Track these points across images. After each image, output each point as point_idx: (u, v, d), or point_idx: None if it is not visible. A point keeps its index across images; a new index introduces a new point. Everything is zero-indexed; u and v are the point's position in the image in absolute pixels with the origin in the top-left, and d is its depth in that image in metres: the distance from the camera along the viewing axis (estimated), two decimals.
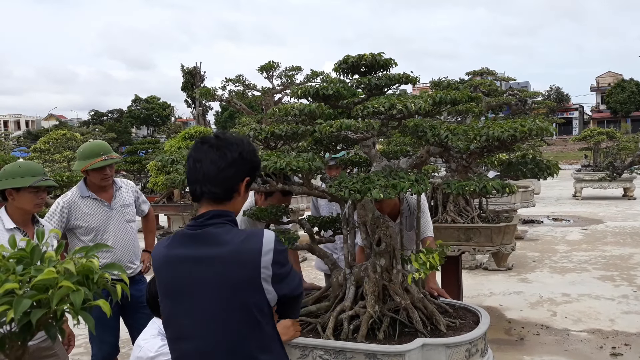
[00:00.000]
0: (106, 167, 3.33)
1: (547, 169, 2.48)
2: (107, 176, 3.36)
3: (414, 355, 2.31)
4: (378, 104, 2.25)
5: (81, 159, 3.33)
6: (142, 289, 3.45)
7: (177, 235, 1.70)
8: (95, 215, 3.37)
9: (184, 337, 1.64)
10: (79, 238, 3.38)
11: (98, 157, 3.27)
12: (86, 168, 3.28)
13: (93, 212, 3.37)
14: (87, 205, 3.37)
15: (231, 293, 1.58)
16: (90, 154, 3.31)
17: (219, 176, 1.63)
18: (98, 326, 3.43)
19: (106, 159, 3.29)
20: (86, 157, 3.31)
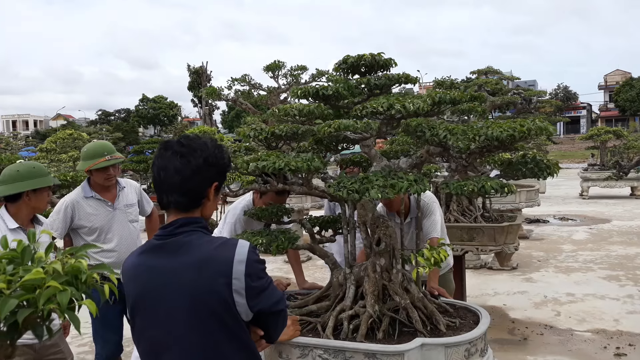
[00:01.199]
0: (109, 167, 3.36)
1: (547, 168, 2.48)
2: (110, 176, 3.39)
3: (413, 355, 2.32)
4: (377, 104, 2.25)
5: (85, 159, 3.36)
6: None
7: (146, 244, 1.66)
8: (99, 216, 3.40)
9: (156, 351, 1.60)
10: (82, 238, 3.40)
11: (101, 157, 3.30)
12: (90, 168, 3.31)
13: (96, 212, 3.40)
14: (91, 206, 3.39)
15: (202, 303, 1.53)
16: (93, 154, 3.34)
17: (184, 186, 1.57)
18: (102, 325, 3.48)
19: (109, 159, 3.32)
20: (90, 157, 3.34)
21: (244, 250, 1.58)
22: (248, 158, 2.32)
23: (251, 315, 1.61)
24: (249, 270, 1.56)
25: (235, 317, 1.56)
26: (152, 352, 1.62)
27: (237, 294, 1.54)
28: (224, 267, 1.54)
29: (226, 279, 1.53)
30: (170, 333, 1.57)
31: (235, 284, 1.54)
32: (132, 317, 1.65)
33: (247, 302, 1.56)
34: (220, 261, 1.55)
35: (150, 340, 1.62)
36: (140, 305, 1.62)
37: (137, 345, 1.68)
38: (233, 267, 1.54)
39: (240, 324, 1.58)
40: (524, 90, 7.26)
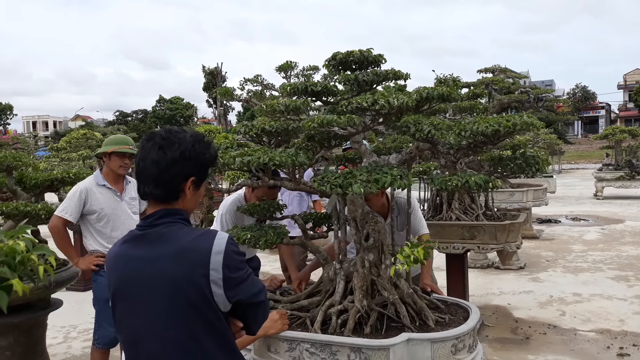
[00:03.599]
0: (127, 156, 3.65)
1: (535, 164, 2.47)
2: (126, 165, 3.68)
3: (399, 349, 2.32)
4: (361, 100, 2.27)
5: (109, 144, 3.67)
6: None
7: (128, 235, 1.69)
8: (108, 203, 3.64)
9: (136, 339, 1.62)
10: (91, 224, 3.63)
11: (125, 145, 3.62)
12: (114, 150, 3.60)
13: (106, 199, 3.64)
14: (102, 193, 3.64)
15: (179, 292, 1.55)
16: (119, 142, 3.67)
17: (160, 177, 1.59)
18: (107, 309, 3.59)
19: (132, 148, 3.62)
20: (115, 143, 3.66)
21: (222, 242, 1.59)
22: (235, 153, 2.34)
23: (229, 306, 1.62)
24: (227, 261, 1.57)
25: (213, 307, 1.58)
26: (131, 341, 1.65)
27: (215, 284, 1.56)
28: (202, 257, 1.56)
29: (204, 270, 1.55)
30: (148, 322, 1.59)
31: (213, 274, 1.55)
32: (113, 305, 1.69)
33: (225, 293, 1.58)
34: (198, 252, 1.57)
35: (129, 330, 1.65)
36: (120, 294, 1.65)
37: (118, 334, 1.72)
38: (211, 257, 1.56)
39: (217, 315, 1.60)
40: (532, 88, 7.20)
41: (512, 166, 2.48)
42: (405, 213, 3.46)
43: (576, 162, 34.90)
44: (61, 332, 5.20)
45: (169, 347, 1.58)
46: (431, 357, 2.37)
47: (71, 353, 4.79)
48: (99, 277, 3.57)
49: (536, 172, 2.47)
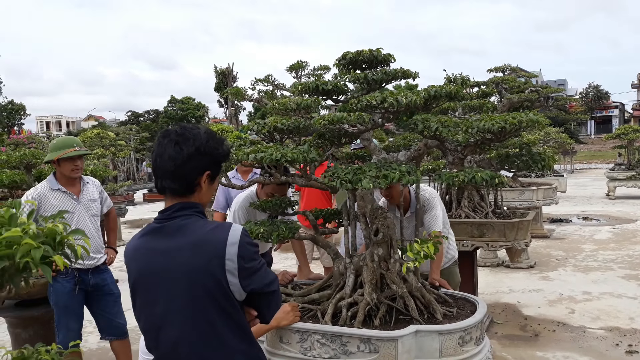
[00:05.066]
0: (77, 158, 3.54)
1: (541, 160, 2.52)
2: (77, 167, 3.56)
3: (407, 340, 2.39)
4: (371, 98, 2.33)
5: (54, 150, 3.52)
6: (105, 278, 3.75)
7: (146, 228, 1.76)
8: (64, 207, 3.51)
9: (156, 327, 1.70)
10: None
11: (71, 148, 3.49)
12: (59, 157, 3.47)
13: (61, 204, 3.53)
14: (56, 198, 3.55)
15: (197, 282, 1.62)
16: (62, 146, 3.52)
17: (177, 172, 1.66)
18: (65, 314, 3.69)
19: (78, 150, 3.51)
20: (59, 147, 3.51)
21: (237, 233, 1.67)
22: (248, 150, 2.42)
23: (244, 295, 1.70)
24: (242, 252, 1.65)
25: (229, 296, 1.66)
26: (152, 329, 1.73)
27: (230, 274, 1.64)
28: (218, 248, 1.63)
29: (220, 260, 1.63)
30: (167, 310, 1.67)
31: (229, 264, 1.63)
32: (133, 295, 1.77)
33: (240, 282, 1.65)
34: (214, 243, 1.64)
35: (149, 318, 1.73)
36: (140, 284, 1.73)
37: (138, 322, 1.80)
38: (226, 248, 1.63)
39: (233, 303, 1.68)
40: (542, 87, 7.22)
41: (519, 162, 2.53)
42: (423, 208, 3.53)
43: (589, 162, 34.65)
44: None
45: (188, 334, 1.66)
46: (439, 348, 2.43)
47: (87, 347, 4.91)
48: (56, 282, 3.54)
49: (542, 168, 2.52)
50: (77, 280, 3.59)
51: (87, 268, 3.60)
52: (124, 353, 3.87)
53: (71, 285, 3.56)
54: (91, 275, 3.64)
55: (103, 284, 3.73)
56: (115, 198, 9.87)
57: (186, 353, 1.66)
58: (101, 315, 3.77)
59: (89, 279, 3.63)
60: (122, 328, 3.83)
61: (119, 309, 3.85)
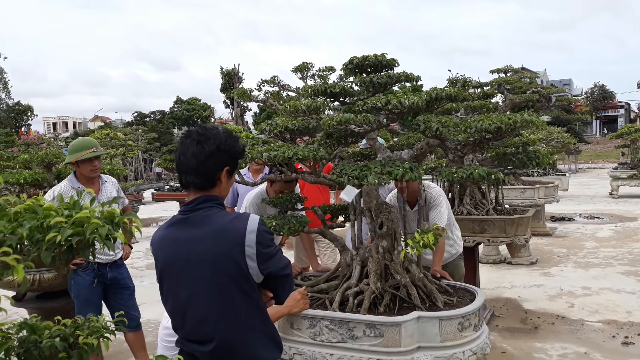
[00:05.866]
0: (94, 159, 3.72)
1: (535, 159, 2.69)
2: (95, 168, 3.75)
3: (410, 326, 2.57)
4: (376, 100, 2.52)
5: (72, 152, 3.71)
6: (122, 272, 3.95)
7: (172, 219, 1.95)
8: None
9: (183, 308, 1.88)
10: None
11: (88, 150, 3.67)
12: (77, 159, 3.66)
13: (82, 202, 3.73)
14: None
15: (220, 267, 1.81)
16: (80, 148, 3.70)
17: (199, 168, 1.85)
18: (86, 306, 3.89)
19: (95, 151, 3.69)
20: (77, 150, 3.69)
21: (255, 223, 1.87)
22: (262, 149, 2.61)
23: (262, 278, 1.90)
24: (259, 239, 1.84)
25: (248, 279, 1.86)
26: (178, 310, 1.93)
27: (250, 259, 1.83)
28: (238, 236, 1.83)
29: (240, 247, 1.82)
30: (193, 293, 1.87)
31: (248, 250, 1.82)
32: (161, 281, 1.97)
33: (258, 266, 1.85)
34: (235, 231, 1.84)
35: (176, 300, 1.93)
36: (167, 270, 1.93)
37: (165, 305, 1.99)
38: (246, 236, 1.83)
39: (252, 286, 1.88)
40: (543, 88, 7.37)
41: (515, 161, 2.70)
42: (429, 205, 3.73)
43: (593, 161, 34.70)
44: None
45: (212, 313, 1.85)
46: (439, 333, 2.61)
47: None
48: (77, 276, 3.74)
49: (536, 166, 2.69)
50: (97, 274, 3.78)
51: (106, 262, 3.80)
52: (138, 344, 4.06)
53: (91, 279, 3.76)
54: (109, 269, 3.84)
55: (120, 278, 3.92)
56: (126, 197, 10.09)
57: (210, 331, 1.85)
58: (117, 307, 3.95)
59: (107, 273, 3.83)
60: (137, 320, 4.02)
61: (134, 302, 4.05)
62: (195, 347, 1.88)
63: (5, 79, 55.61)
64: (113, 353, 4.80)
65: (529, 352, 4.37)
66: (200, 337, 1.87)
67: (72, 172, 3.81)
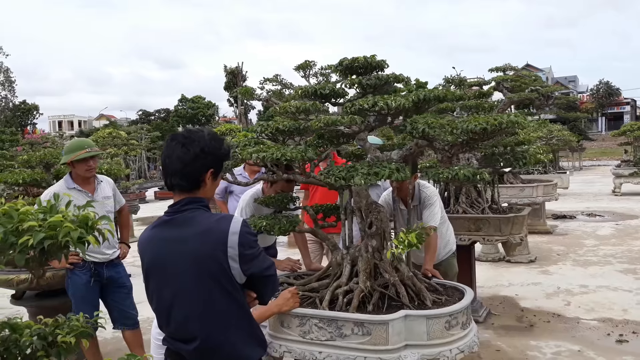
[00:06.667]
0: (90, 159, 3.75)
1: (522, 158, 2.72)
2: (90, 167, 3.78)
3: (397, 324, 2.60)
4: (363, 102, 2.55)
5: (67, 153, 3.74)
6: (119, 271, 3.99)
7: (158, 220, 2.00)
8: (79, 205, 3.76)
9: (168, 306, 1.93)
10: None
11: (82, 150, 3.70)
12: (72, 159, 3.69)
13: (77, 202, 3.73)
14: (73, 196, 3.68)
15: (202, 266, 1.85)
16: (75, 148, 3.74)
17: (184, 170, 1.89)
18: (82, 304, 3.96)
19: (90, 151, 3.72)
20: (72, 150, 3.72)
21: (238, 224, 1.91)
22: (252, 150, 2.65)
23: (244, 279, 1.94)
24: (242, 240, 1.88)
25: (230, 279, 1.90)
26: (163, 309, 1.97)
27: (232, 260, 1.88)
28: (221, 237, 1.87)
29: (222, 248, 1.86)
30: (177, 292, 1.91)
31: (230, 251, 1.87)
32: (147, 280, 2.01)
33: (240, 267, 1.90)
34: (218, 233, 1.88)
35: (161, 299, 1.97)
36: (153, 269, 1.98)
37: (151, 303, 2.03)
38: (228, 237, 1.87)
39: (234, 285, 1.92)
40: (542, 86, 7.38)
41: (502, 161, 2.73)
42: (423, 204, 3.77)
43: (598, 158, 34.59)
44: None
45: (195, 312, 1.90)
46: (426, 331, 2.64)
47: (102, 336, 5.16)
48: (74, 275, 3.79)
49: (523, 165, 2.72)
50: (93, 273, 3.84)
51: (102, 262, 3.85)
52: (136, 342, 4.11)
53: (87, 277, 3.81)
54: (106, 268, 3.89)
55: (117, 277, 3.97)
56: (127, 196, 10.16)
57: (194, 329, 1.89)
58: (114, 306, 4.01)
59: (104, 272, 3.88)
60: (134, 318, 4.08)
61: (131, 301, 4.10)
62: (180, 345, 1.92)
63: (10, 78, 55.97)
64: (112, 350, 4.87)
65: (523, 350, 4.40)
66: (185, 335, 1.91)
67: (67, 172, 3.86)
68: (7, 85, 55.59)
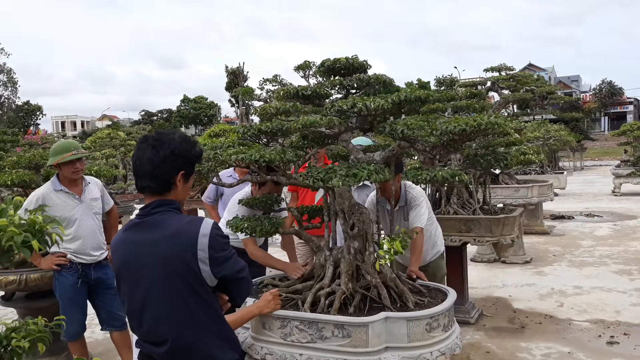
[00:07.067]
0: (76, 161, 3.74)
1: (503, 159, 2.71)
2: (77, 169, 3.77)
3: (377, 326, 2.59)
4: (342, 103, 2.54)
5: (54, 155, 3.73)
6: (107, 272, 3.96)
7: (129, 223, 2.00)
8: (67, 207, 3.77)
9: (139, 308, 1.93)
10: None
11: (69, 152, 3.69)
12: (58, 162, 3.69)
13: (64, 203, 3.76)
14: (60, 198, 3.77)
15: (173, 269, 1.85)
16: (62, 150, 3.72)
17: (154, 172, 1.89)
18: (70, 306, 3.94)
19: (76, 153, 3.71)
20: (58, 152, 3.72)
21: (208, 227, 1.91)
22: (231, 151, 2.64)
23: (215, 281, 1.94)
24: (212, 242, 1.88)
25: (201, 281, 1.90)
26: (135, 311, 1.97)
27: (202, 262, 1.87)
28: (191, 240, 1.87)
29: (192, 250, 1.86)
30: (147, 294, 1.91)
31: (200, 254, 1.87)
32: (118, 283, 2.02)
33: (211, 270, 1.90)
34: (188, 235, 1.88)
35: (132, 301, 1.97)
36: (124, 272, 1.98)
37: (123, 306, 2.03)
38: (198, 240, 1.87)
39: (205, 288, 1.91)
40: (537, 86, 7.35)
41: (482, 162, 2.72)
42: (409, 205, 3.76)
43: (600, 158, 34.48)
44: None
45: (165, 315, 1.90)
46: (407, 334, 2.63)
47: (94, 337, 5.18)
48: (61, 276, 3.79)
49: (504, 167, 2.70)
50: (81, 274, 3.84)
51: (90, 263, 3.85)
52: (124, 343, 4.11)
53: (75, 279, 3.81)
54: (93, 269, 3.89)
55: (105, 278, 3.97)
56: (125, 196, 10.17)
57: (165, 331, 1.89)
58: (102, 307, 4.01)
59: (92, 273, 3.88)
60: (122, 320, 4.07)
61: (119, 302, 4.10)
62: (152, 348, 1.92)
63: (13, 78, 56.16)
64: (102, 351, 4.87)
65: (513, 351, 4.38)
66: (155, 338, 1.91)
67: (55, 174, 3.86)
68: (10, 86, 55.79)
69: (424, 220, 3.75)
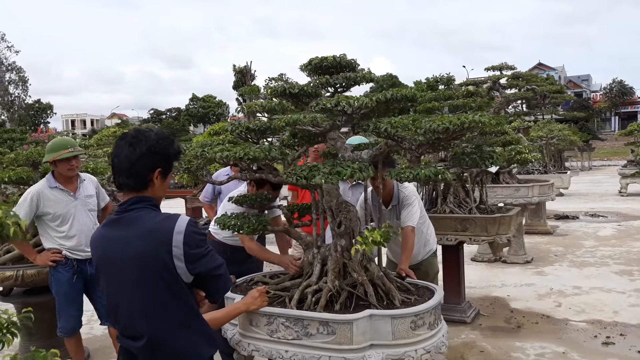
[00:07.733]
0: (72, 158, 3.78)
1: (489, 158, 2.71)
2: (73, 167, 3.81)
3: (362, 323, 2.60)
4: (326, 101, 2.55)
5: (50, 152, 3.77)
6: None
7: (107, 220, 2.03)
8: (61, 204, 3.81)
9: (116, 304, 1.96)
10: (47, 224, 3.84)
11: (65, 149, 3.73)
12: (54, 159, 3.72)
13: (59, 200, 3.81)
14: (55, 195, 3.81)
15: (146, 265, 1.87)
16: (58, 147, 3.76)
17: (131, 169, 1.91)
18: (66, 302, 3.98)
19: (72, 151, 3.75)
20: (54, 150, 3.75)
21: (183, 224, 1.92)
22: (217, 149, 2.66)
23: (191, 278, 1.95)
24: (187, 239, 1.89)
25: (176, 278, 1.91)
26: (112, 307, 2.02)
27: (177, 259, 1.89)
28: (166, 236, 1.88)
29: (167, 247, 1.88)
30: (124, 290, 1.94)
31: (175, 251, 1.88)
32: (98, 278, 2.05)
33: (186, 266, 1.91)
34: (163, 232, 1.89)
35: (110, 296, 2.01)
36: (102, 268, 2.01)
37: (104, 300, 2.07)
38: (173, 237, 1.88)
39: (180, 284, 1.93)
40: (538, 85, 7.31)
41: (468, 160, 2.72)
42: (401, 204, 3.77)
43: (609, 158, 34.16)
44: (85, 316, 5.62)
45: (140, 311, 1.92)
46: (392, 331, 2.64)
47: (93, 334, 5.23)
48: (56, 272, 3.83)
49: (490, 165, 2.70)
50: (76, 270, 3.88)
51: (85, 259, 3.89)
52: None
53: (70, 275, 3.86)
54: (89, 265, 3.92)
55: None
56: None
57: (140, 326, 1.91)
58: (100, 302, 4.05)
59: (87, 269, 3.92)
60: None
61: None
62: (129, 342, 1.95)
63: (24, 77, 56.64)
64: (101, 347, 4.92)
65: (507, 351, 4.38)
66: (132, 333, 1.93)
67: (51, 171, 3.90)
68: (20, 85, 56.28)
69: (416, 219, 3.75)
